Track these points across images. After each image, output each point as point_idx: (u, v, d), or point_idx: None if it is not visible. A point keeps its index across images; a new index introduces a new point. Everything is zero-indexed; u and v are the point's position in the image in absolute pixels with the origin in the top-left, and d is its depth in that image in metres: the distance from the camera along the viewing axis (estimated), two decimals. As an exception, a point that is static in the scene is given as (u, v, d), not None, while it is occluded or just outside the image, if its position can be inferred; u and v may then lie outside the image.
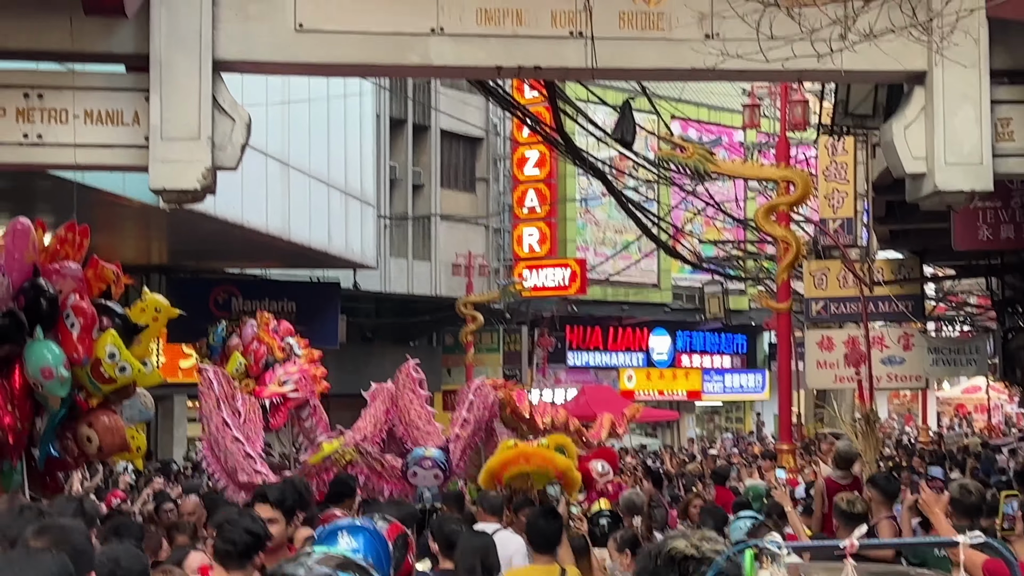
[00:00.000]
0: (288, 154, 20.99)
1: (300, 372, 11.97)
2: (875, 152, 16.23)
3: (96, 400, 8.44)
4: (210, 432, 11.14)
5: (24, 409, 7.99)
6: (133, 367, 8.20)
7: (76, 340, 7.87)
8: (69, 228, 8.22)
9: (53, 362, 7.73)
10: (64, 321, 7.91)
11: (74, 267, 8.07)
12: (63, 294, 7.97)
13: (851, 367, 18.24)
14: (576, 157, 19.39)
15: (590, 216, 36.82)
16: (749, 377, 44.32)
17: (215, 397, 11.11)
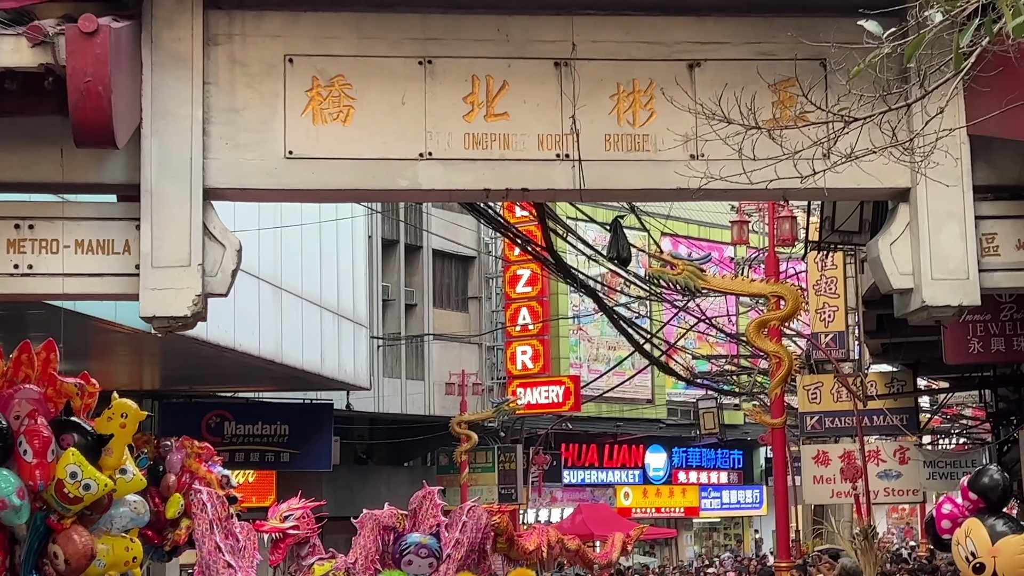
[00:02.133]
0: (280, 277, 21.06)
1: (303, 508, 11.86)
2: (863, 267, 16.33)
3: (69, 520, 8.32)
4: (202, 556, 10.99)
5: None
6: (99, 483, 8.08)
7: (33, 467, 7.79)
8: (23, 349, 8.17)
9: (5, 492, 7.64)
10: (18, 449, 7.84)
11: (30, 389, 8.00)
12: (19, 420, 7.91)
13: (848, 482, 18.16)
14: (566, 275, 19.51)
15: (583, 333, 36.87)
16: (747, 493, 44.00)
17: (208, 520, 10.99)
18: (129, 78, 8.15)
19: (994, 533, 7.72)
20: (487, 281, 35.06)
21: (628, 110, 8.92)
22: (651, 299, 27.06)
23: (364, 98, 8.73)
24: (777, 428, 18.16)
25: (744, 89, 7.57)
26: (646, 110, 8.91)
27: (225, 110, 8.58)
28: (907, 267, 8.88)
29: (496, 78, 8.86)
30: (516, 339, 34.23)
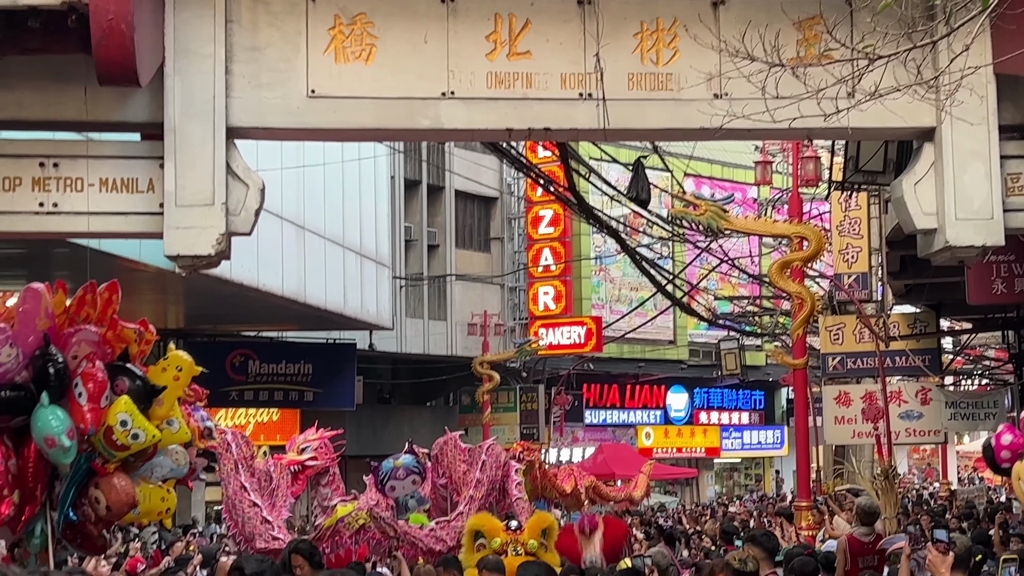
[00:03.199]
0: (303, 217, 21.11)
1: (320, 439, 11.96)
2: (887, 207, 16.27)
3: (113, 465, 8.39)
4: (228, 496, 11.12)
5: (40, 476, 7.96)
6: (147, 433, 8.14)
7: (85, 409, 7.84)
8: (88, 289, 8.21)
9: (56, 431, 7.69)
10: (73, 390, 7.88)
11: (91, 331, 8.04)
12: (76, 360, 7.94)
13: (869, 422, 18.18)
14: (589, 216, 19.47)
15: (605, 274, 36.87)
16: (768, 433, 44.12)
17: (233, 460, 11.10)
18: (151, 16, 8.15)
19: None
20: (509, 222, 35.04)
21: (651, 49, 8.87)
22: (673, 240, 27.00)
23: (386, 37, 8.71)
24: (799, 369, 18.17)
25: (768, 27, 7.53)
26: (669, 49, 8.86)
27: (247, 49, 8.57)
28: (931, 207, 8.84)
29: (519, 16, 8.82)
30: (538, 280, 34.26)
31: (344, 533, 11.08)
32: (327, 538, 11.09)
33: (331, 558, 11.04)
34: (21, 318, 7.60)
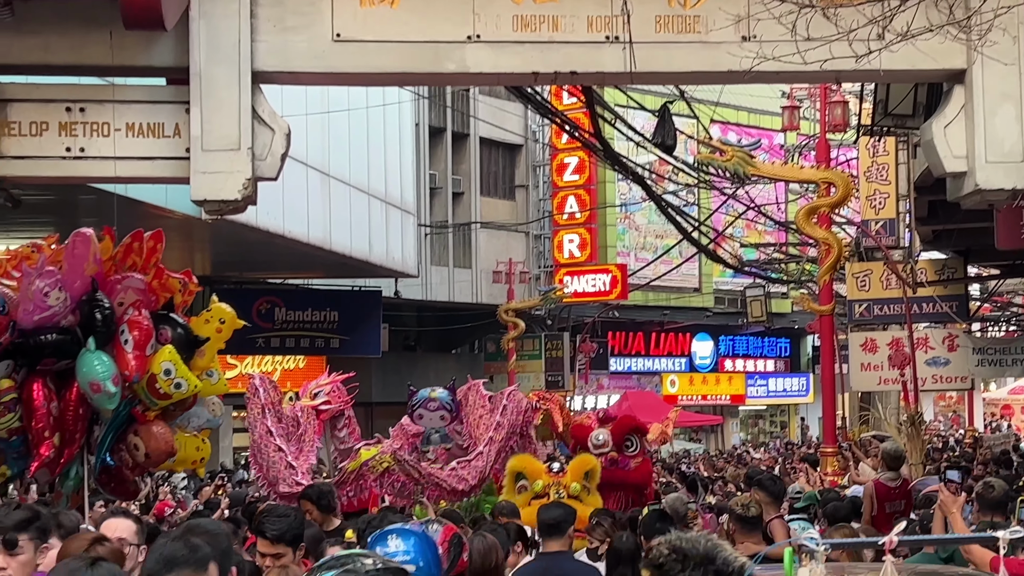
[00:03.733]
0: (328, 164, 21.11)
1: (332, 383, 12.00)
2: (916, 152, 16.12)
3: (153, 413, 8.45)
4: (254, 440, 11.18)
5: (79, 419, 8.02)
6: (189, 383, 8.20)
7: (130, 356, 7.88)
8: (135, 237, 8.24)
9: (102, 376, 7.74)
10: (119, 336, 7.92)
11: (137, 279, 8.08)
12: (122, 307, 7.98)
13: (895, 369, 18.12)
14: (615, 162, 19.37)
15: (630, 221, 36.77)
16: (793, 381, 44.11)
17: (260, 405, 11.14)
18: (176, -41, 8.11)
19: None
20: (534, 169, 34.95)
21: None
22: (700, 186, 26.88)
23: (411, -21, 8.64)
24: (825, 315, 18.14)
25: (798, -34, 7.41)
26: (697, -10, 8.76)
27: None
28: (961, 150, 8.75)
29: (545, -42, 8.73)
30: (563, 227, 34.20)
31: (368, 476, 11.14)
32: (351, 482, 11.15)
33: (354, 502, 11.12)
34: (70, 262, 7.63)
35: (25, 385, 7.87)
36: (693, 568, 2.84)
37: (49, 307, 7.46)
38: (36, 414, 7.76)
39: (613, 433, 11.69)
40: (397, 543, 4.16)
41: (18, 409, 7.80)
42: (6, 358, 7.73)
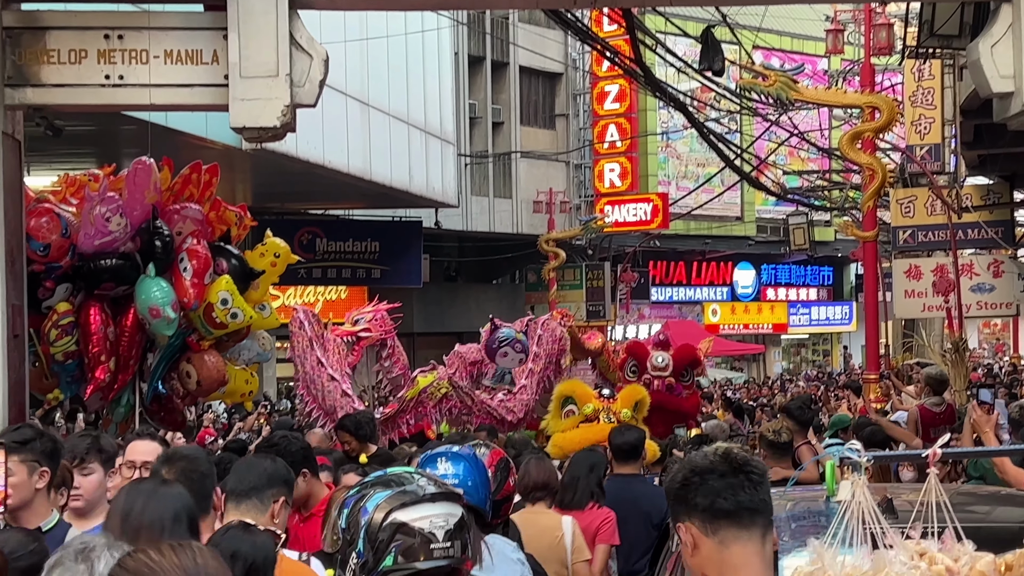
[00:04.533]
0: (367, 94, 21.04)
1: (374, 312, 12.06)
2: (962, 75, 15.88)
3: (208, 343, 8.51)
4: (305, 372, 11.25)
5: (134, 345, 8.09)
6: (245, 313, 8.27)
7: (188, 284, 7.93)
8: (194, 168, 8.26)
9: (161, 301, 7.81)
10: (178, 264, 7.97)
11: (195, 209, 8.13)
12: (181, 236, 8.03)
13: (939, 296, 17.97)
14: (656, 89, 19.20)
15: (671, 150, 36.53)
16: (836, 309, 43.92)
17: (307, 337, 11.22)
18: None
19: None
20: (574, 98, 34.71)
21: (720, -91, 8.63)
22: (742, 113, 26.62)
23: (449, -99, 8.53)
24: (869, 241, 17.95)
25: None
26: (739, -92, 8.61)
27: (309, -85, 8.43)
28: (1008, 69, 8.57)
29: None
30: (604, 156, 34.01)
31: (427, 403, 11.28)
32: (410, 409, 11.27)
33: (412, 429, 11.26)
34: (131, 190, 7.66)
35: (82, 310, 7.95)
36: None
37: (110, 232, 7.51)
38: (93, 338, 7.85)
39: (675, 360, 11.69)
40: (446, 466, 4.17)
41: (75, 333, 7.88)
42: (65, 282, 7.81)
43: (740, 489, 2.72)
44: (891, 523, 2.50)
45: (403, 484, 2.94)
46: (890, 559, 2.31)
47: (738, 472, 2.73)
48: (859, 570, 2.30)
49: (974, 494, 5.34)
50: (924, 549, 2.42)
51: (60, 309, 7.80)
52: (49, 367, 8.08)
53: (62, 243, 7.58)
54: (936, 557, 2.39)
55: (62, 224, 7.58)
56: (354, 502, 2.94)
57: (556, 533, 6.34)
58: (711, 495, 2.75)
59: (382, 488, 2.95)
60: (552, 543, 6.28)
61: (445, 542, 2.84)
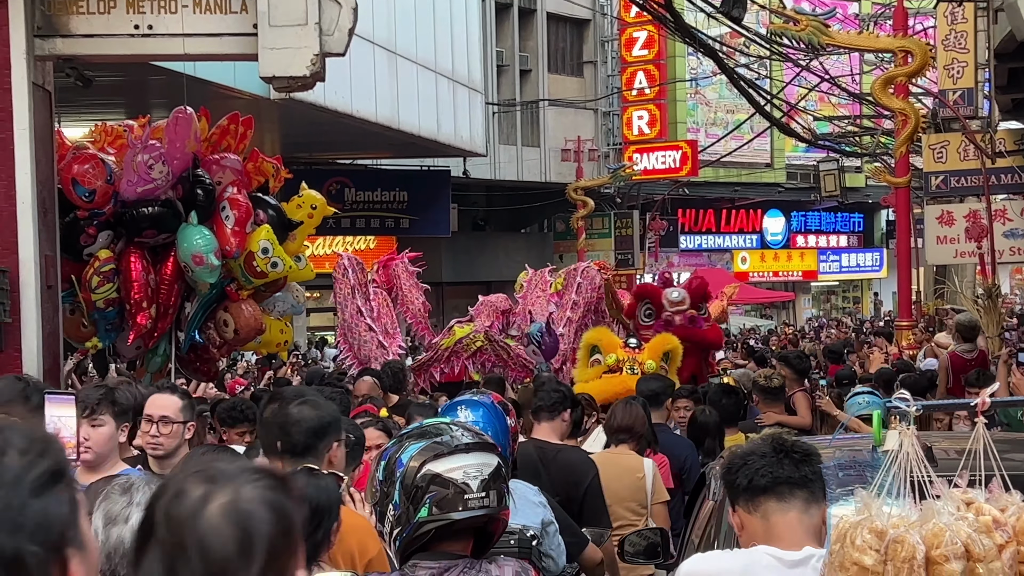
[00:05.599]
0: (395, 42, 20.93)
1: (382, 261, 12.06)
2: (996, 18, 15.64)
3: (247, 293, 8.54)
4: (344, 320, 11.27)
5: (173, 293, 8.13)
6: (285, 263, 8.29)
7: (230, 232, 7.96)
8: (232, 119, 8.26)
9: (205, 249, 7.83)
10: (220, 213, 7.99)
11: (234, 159, 8.14)
12: (221, 186, 8.04)
13: (972, 242, 17.83)
14: (685, 35, 19.01)
15: (700, 96, 36.26)
16: (866, 256, 43.69)
17: (350, 285, 11.21)
18: None
19: None
20: (603, 44, 34.46)
21: None
22: (772, 59, 26.36)
23: None
24: (901, 187, 17.82)
25: None
26: None
27: None
28: (1047, 11, 8.47)
29: None
30: (632, 104, 33.78)
31: (462, 354, 11.26)
32: (445, 358, 11.27)
33: (445, 376, 11.28)
34: (171, 138, 7.67)
35: (123, 257, 7.98)
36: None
37: (152, 180, 7.52)
38: (134, 285, 7.89)
39: (691, 293, 11.51)
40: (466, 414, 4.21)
41: (116, 280, 7.92)
42: (106, 229, 7.83)
43: (778, 466, 2.86)
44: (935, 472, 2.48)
45: (439, 435, 2.93)
46: (938, 509, 2.28)
47: (779, 452, 2.87)
48: (906, 520, 2.28)
49: (1013, 441, 5.30)
50: (971, 499, 2.40)
51: (102, 256, 7.84)
52: (89, 314, 8.12)
53: (106, 189, 7.60)
54: (983, 507, 2.37)
55: (107, 171, 7.58)
56: (391, 454, 2.94)
57: (638, 474, 6.51)
58: (750, 474, 2.90)
59: (417, 439, 2.95)
60: (633, 484, 6.49)
61: (480, 492, 2.84)
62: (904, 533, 2.20)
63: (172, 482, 1.76)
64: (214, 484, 1.73)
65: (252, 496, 1.73)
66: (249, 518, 1.71)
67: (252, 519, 1.71)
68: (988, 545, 2.25)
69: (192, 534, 1.68)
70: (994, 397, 2.58)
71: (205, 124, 7.99)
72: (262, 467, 1.85)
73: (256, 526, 1.71)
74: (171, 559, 1.68)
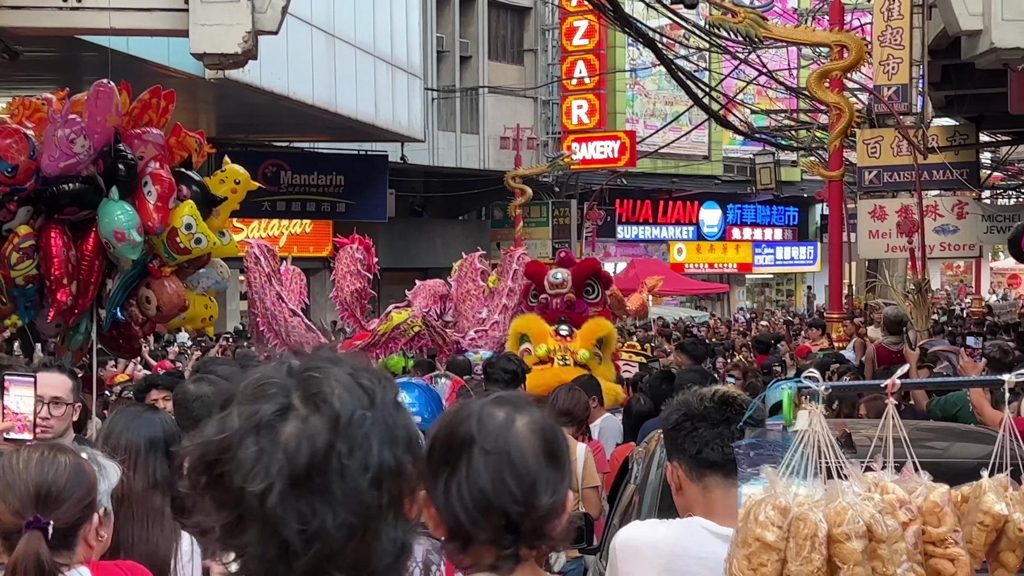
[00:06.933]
0: (333, 24, 20.78)
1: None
2: (931, 14, 15.82)
3: (169, 269, 8.42)
4: (265, 308, 11.14)
5: (94, 270, 7.99)
6: (209, 239, 8.16)
7: (152, 208, 7.83)
8: (154, 93, 8.12)
9: (126, 225, 7.70)
10: (142, 188, 7.87)
11: (156, 133, 8.00)
12: (143, 160, 7.92)
13: (904, 236, 18.04)
14: (625, 25, 19.04)
15: (640, 87, 36.37)
16: (800, 249, 44.09)
17: (264, 273, 11.11)
18: None
19: None
20: (543, 33, 34.46)
21: None
22: (711, 51, 26.49)
23: None
24: (834, 181, 17.95)
25: None
26: None
27: None
28: (977, 7, 8.57)
29: None
30: (572, 93, 33.82)
31: (399, 340, 11.18)
32: (382, 344, 11.18)
33: None
34: (92, 112, 7.52)
35: (43, 233, 7.84)
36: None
37: (75, 154, 7.39)
38: (55, 261, 7.74)
39: (574, 275, 10.69)
40: (402, 396, 4.20)
41: (36, 256, 7.78)
42: (26, 205, 7.70)
43: (729, 439, 2.80)
44: (851, 458, 2.48)
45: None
46: (843, 489, 2.28)
47: (731, 423, 2.78)
48: (812, 499, 2.28)
49: (934, 430, 5.36)
50: (879, 480, 2.40)
51: (21, 232, 7.69)
52: (8, 291, 7.98)
53: (29, 165, 7.46)
54: (890, 487, 2.37)
55: (30, 146, 7.45)
56: None
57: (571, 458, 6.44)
58: (699, 444, 2.85)
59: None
60: None
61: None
62: (807, 511, 2.19)
63: (463, 408, 2.08)
64: (511, 407, 2.07)
65: (541, 416, 2.09)
66: (552, 431, 2.07)
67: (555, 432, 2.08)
68: (892, 526, 2.26)
69: (510, 444, 2.00)
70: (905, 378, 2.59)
71: (126, 98, 7.85)
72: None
73: (557, 438, 2.08)
74: (496, 463, 1.98)
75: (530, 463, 2.01)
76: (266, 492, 1.48)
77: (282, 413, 1.52)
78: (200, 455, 1.53)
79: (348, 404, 1.54)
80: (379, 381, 1.61)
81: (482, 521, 1.98)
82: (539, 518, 2.00)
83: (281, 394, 1.54)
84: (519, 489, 1.98)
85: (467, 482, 1.98)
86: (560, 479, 2.04)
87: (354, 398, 1.56)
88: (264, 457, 1.49)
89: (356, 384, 1.57)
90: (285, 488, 1.48)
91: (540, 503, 2.00)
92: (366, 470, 1.52)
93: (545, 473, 2.02)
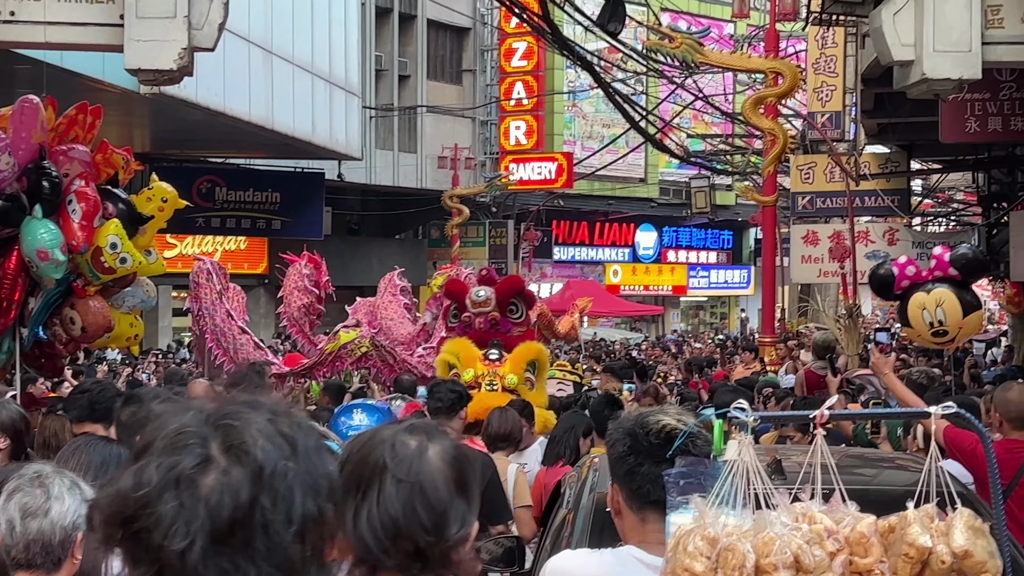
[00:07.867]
0: (271, 41, 20.70)
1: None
2: (865, 43, 16.03)
3: (94, 288, 8.31)
4: (215, 325, 11.05)
5: (16, 288, 7.87)
6: (134, 258, 8.06)
7: (77, 227, 7.71)
8: (80, 109, 8.01)
9: (49, 244, 7.59)
10: (66, 206, 7.75)
11: (82, 150, 7.88)
12: (68, 178, 7.80)
13: (836, 261, 18.26)
14: (563, 47, 19.13)
15: (577, 109, 36.54)
16: (734, 273, 44.44)
17: (216, 289, 11.02)
18: None
19: (966, 307, 8.58)
20: (482, 54, 34.54)
21: None
22: (648, 75, 26.68)
23: None
24: (768, 206, 18.16)
25: None
26: None
27: None
28: (909, 38, 8.67)
29: None
30: (510, 114, 33.93)
31: (346, 359, 11.14)
32: (328, 362, 11.13)
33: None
34: (16, 128, 7.40)
35: (-37, 251, 7.72)
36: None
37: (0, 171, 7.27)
38: (-26, 280, 7.62)
39: (498, 292, 10.17)
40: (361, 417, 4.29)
41: (-45, 276, 7.65)
42: (-53, 221, 7.57)
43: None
44: (780, 485, 2.50)
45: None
46: (772, 519, 2.30)
47: (673, 462, 2.76)
48: (740, 529, 2.29)
49: (862, 457, 5.40)
50: (807, 510, 2.42)
51: (-60, 251, 7.57)
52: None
53: (-48, 184, 7.34)
54: (817, 517, 2.39)
55: (-43, 163, 7.33)
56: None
57: (502, 479, 6.51)
58: (642, 481, 2.83)
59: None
60: None
61: None
62: (736, 541, 2.21)
63: (377, 434, 2.11)
64: (424, 435, 2.11)
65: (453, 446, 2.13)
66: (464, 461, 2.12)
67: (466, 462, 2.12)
68: (819, 556, 2.27)
69: (421, 473, 2.04)
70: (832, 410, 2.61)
71: (52, 113, 7.75)
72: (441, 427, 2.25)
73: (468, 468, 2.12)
74: (408, 492, 2.02)
75: (441, 493, 2.04)
76: (187, 549, 1.44)
77: (202, 465, 1.47)
78: (116, 510, 1.48)
79: (271, 455, 1.50)
80: (299, 427, 1.57)
81: (391, 548, 2.00)
82: (447, 547, 2.03)
83: (199, 444, 1.49)
84: (429, 519, 2.01)
85: (378, 509, 2.01)
86: (469, 509, 2.08)
87: (276, 448, 1.51)
88: (185, 513, 1.45)
89: (276, 432, 1.53)
90: (207, 544, 1.44)
91: (449, 533, 2.03)
92: (290, 523, 1.49)
93: (455, 503, 2.05)
